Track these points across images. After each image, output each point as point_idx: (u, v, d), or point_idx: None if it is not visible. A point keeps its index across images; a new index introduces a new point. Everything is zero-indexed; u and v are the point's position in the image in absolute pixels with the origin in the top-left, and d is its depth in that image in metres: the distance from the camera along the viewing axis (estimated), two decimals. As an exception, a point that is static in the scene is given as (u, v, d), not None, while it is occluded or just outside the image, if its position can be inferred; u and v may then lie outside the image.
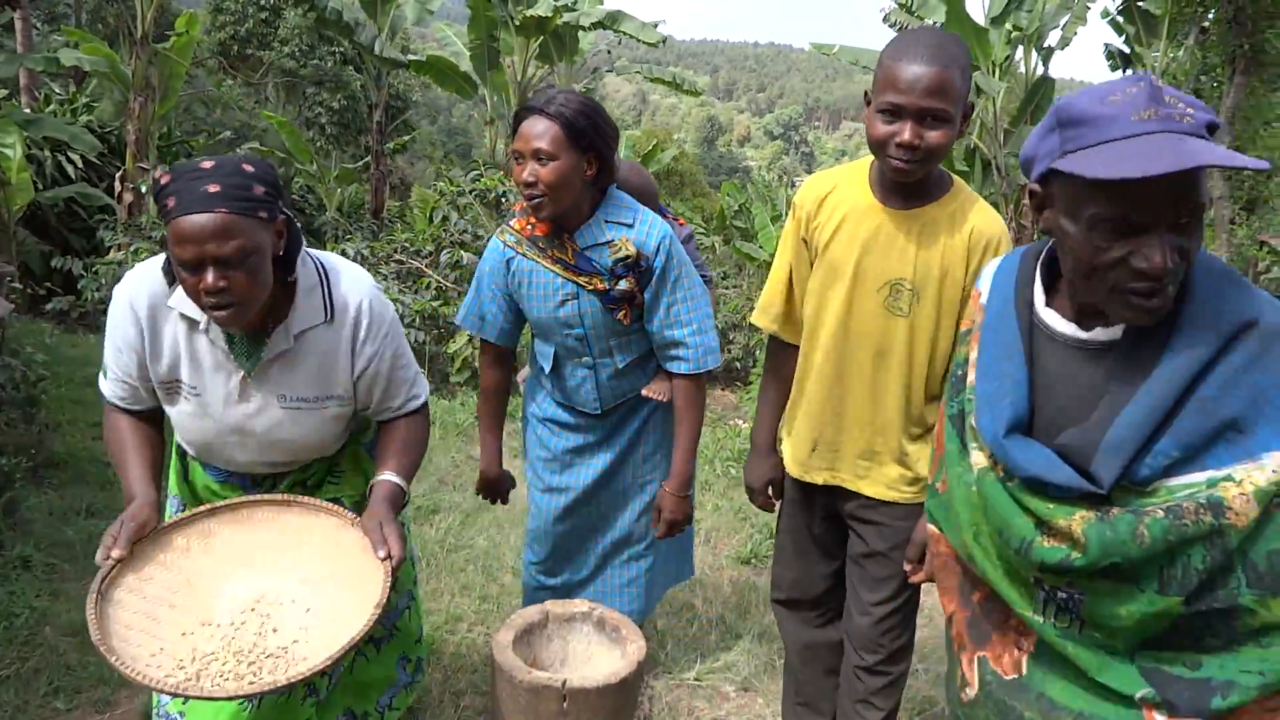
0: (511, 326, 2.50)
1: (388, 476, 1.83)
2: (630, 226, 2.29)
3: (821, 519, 2.25)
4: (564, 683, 2.01)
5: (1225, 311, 1.19)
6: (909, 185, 1.93)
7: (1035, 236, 14.66)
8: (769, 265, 12.45)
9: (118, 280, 1.83)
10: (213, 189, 1.56)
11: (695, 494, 2.70)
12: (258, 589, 1.69)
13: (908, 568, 1.99)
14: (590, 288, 2.31)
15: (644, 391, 2.55)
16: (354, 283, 1.86)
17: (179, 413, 1.84)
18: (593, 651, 2.32)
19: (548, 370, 2.53)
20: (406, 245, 7.83)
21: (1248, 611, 1.17)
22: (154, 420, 1.88)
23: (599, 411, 2.53)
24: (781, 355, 2.25)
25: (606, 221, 2.29)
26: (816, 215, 2.06)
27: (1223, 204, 11.93)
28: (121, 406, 1.85)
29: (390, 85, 15.86)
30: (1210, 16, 11.93)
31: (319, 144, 19.10)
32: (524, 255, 2.37)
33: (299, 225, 1.78)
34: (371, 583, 1.62)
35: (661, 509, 2.46)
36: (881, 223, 1.96)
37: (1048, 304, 1.33)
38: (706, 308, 2.41)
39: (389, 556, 1.64)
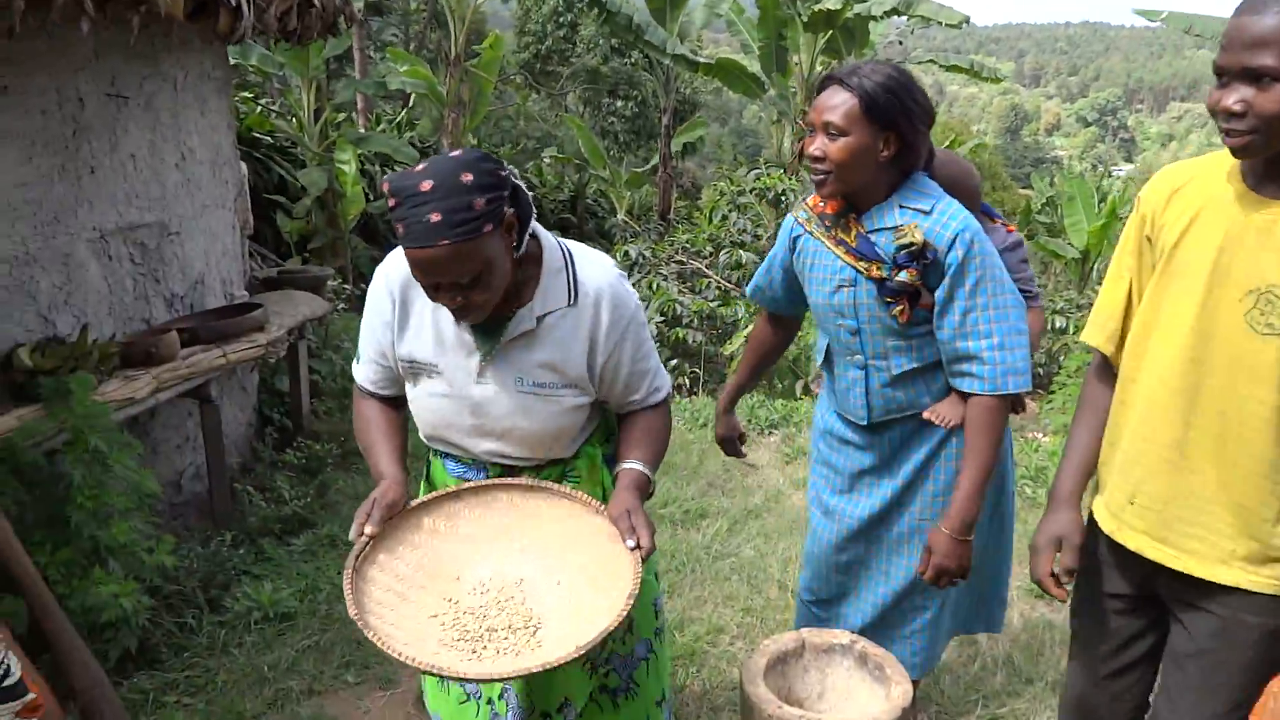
0: (789, 298, 2.41)
1: (633, 464, 1.78)
2: (927, 214, 2.03)
3: (1130, 598, 1.77)
4: (818, 723, 1.83)
5: None
6: None
7: None
8: (1076, 263, 11.25)
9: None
10: (435, 219, 1.52)
11: (997, 533, 2.38)
12: (504, 573, 1.71)
13: None
14: (868, 275, 2.08)
15: (925, 414, 2.19)
16: (598, 268, 1.81)
17: (420, 393, 1.85)
18: (853, 688, 2.11)
19: (820, 363, 2.38)
20: (686, 246, 7.89)
21: None
22: (400, 406, 1.93)
23: (866, 422, 2.25)
24: (1104, 385, 1.81)
25: (901, 206, 2.05)
26: (1165, 210, 1.66)
27: None
28: (371, 391, 1.91)
29: (679, 90, 16.21)
30: None
31: (612, 151, 19.92)
32: (810, 234, 2.20)
33: (529, 198, 1.74)
34: (620, 573, 1.59)
35: (931, 550, 2.06)
36: (1251, 216, 1.52)
37: None
38: (1018, 322, 2.05)
39: (638, 546, 1.61)
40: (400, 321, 1.81)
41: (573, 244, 1.85)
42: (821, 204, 2.20)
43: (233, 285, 4.26)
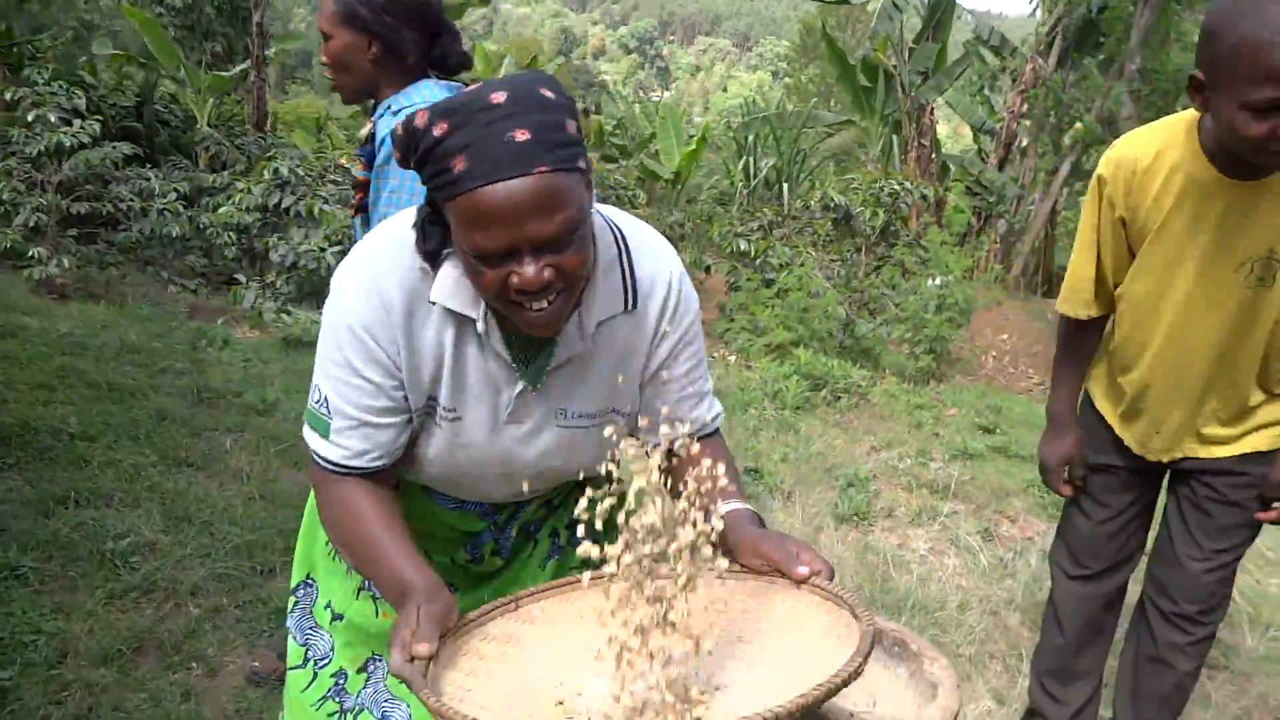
0: None
1: (738, 505, 1.28)
2: (396, 114, 1.98)
3: (1148, 488, 2.20)
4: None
5: None
6: None
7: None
8: (670, 183, 11.89)
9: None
10: (523, 137, 1.04)
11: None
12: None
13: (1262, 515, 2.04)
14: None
15: None
16: (660, 254, 1.32)
17: (424, 447, 1.31)
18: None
19: None
20: (345, 163, 6.96)
21: None
22: (390, 479, 1.32)
23: None
24: (1084, 334, 2.13)
25: (390, 107, 2.02)
26: (1140, 189, 1.86)
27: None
28: (356, 468, 1.25)
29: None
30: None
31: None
32: None
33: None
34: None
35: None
36: (1232, 199, 1.78)
37: None
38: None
39: (818, 572, 1.14)
40: (410, 362, 1.23)
41: (619, 218, 1.31)
42: None
43: None
